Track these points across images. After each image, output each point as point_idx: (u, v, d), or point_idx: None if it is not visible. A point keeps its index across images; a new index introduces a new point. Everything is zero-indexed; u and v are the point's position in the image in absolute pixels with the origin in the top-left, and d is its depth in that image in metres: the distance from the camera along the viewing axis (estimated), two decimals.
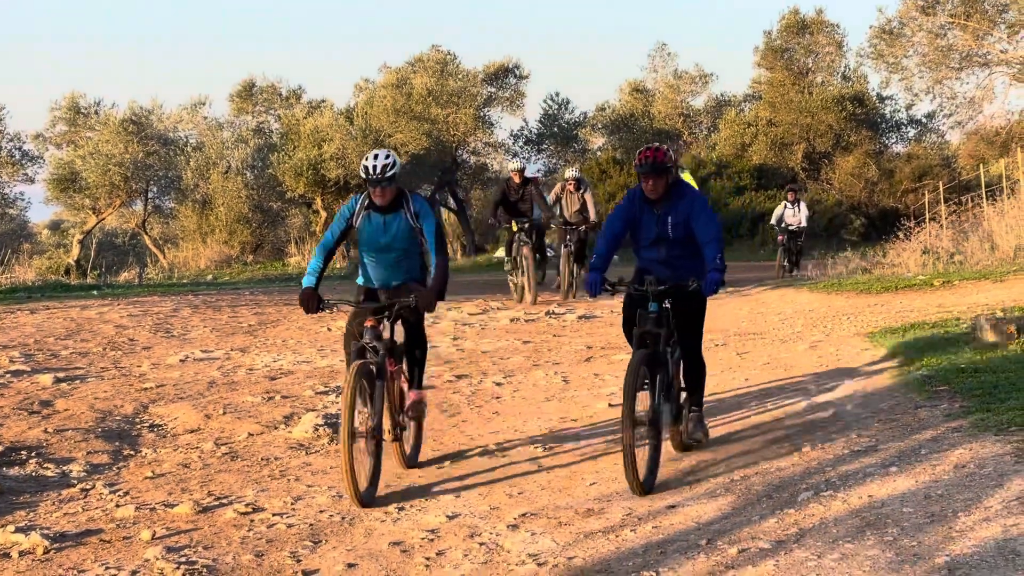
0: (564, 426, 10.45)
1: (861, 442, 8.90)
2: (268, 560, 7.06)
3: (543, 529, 7.46)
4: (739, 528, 7.08)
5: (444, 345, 15.20)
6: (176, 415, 11.10)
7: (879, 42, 37.51)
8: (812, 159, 45.01)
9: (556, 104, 48.28)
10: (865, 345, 13.33)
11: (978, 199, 31.41)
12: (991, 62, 35.69)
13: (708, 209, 8.94)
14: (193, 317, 18.38)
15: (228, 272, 34.96)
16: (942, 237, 26.86)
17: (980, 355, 11.48)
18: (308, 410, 11.15)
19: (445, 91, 41.40)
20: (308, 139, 39.92)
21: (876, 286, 19.19)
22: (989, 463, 7.80)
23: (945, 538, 6.53)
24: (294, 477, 8.99)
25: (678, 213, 8.87)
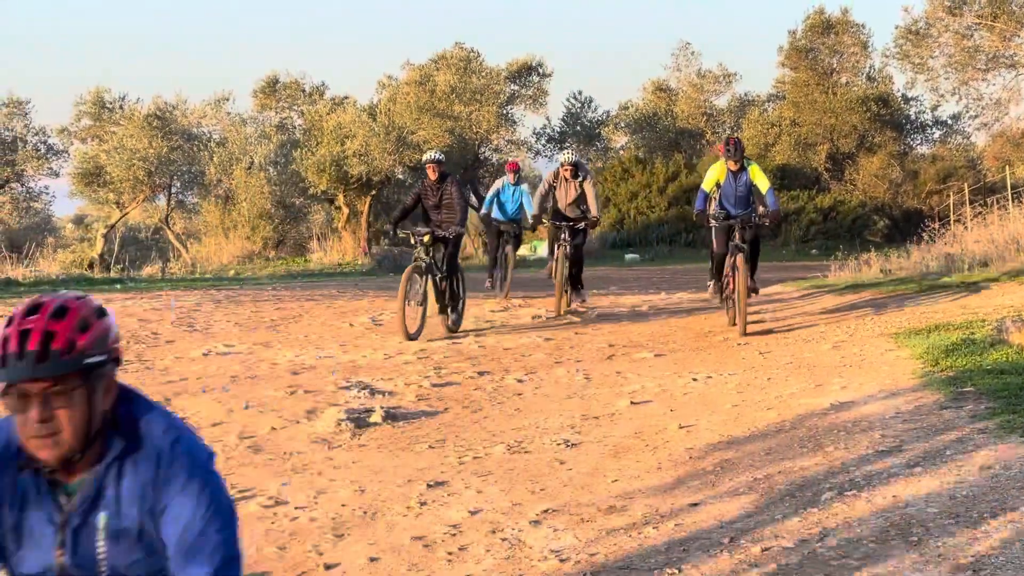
0: (586, 423, 10.43)
1: (885, 442, 8.86)
2: (291, 553, 7.06)
3: (565, 525, 7.45)
4: (762, 527, 7.06)
5: (466, 341, 15.20)
6: (199, 408, 11.12)
7: (905, 42, 37.41)
8: (836, 160, 44.90)
9: (579, 102, 48.31)
10: (889, 345, 13.28)
11: (1004, 201, 31.29)
12: (1018, 63, 35.55)
13: None
14: (216, 312, 18.42)
15: (250, 267, 35.03)
16: (967, 239, 26.76)
17: (1006, 356, 11.42)
18: (331, 405, 11.16)
19: (468, 88, 41.43)
20: (331, 135, 39.98)
21: (900, 287, 19.12)
22: (1015, 464, 7.76)
23: (970, 539, 6.50)
24: (316, 471, 9.00)
25: None
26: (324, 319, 17.71)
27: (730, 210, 15.53)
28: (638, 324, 16.78)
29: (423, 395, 11.85)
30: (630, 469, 8.80)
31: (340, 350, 14.65)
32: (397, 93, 42.23)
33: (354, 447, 9.74)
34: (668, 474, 8.59)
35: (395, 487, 8.51)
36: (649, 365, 13.29)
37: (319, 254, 38.10)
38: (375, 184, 40.61)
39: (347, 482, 8.65)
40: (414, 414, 10.98)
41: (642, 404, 11.15)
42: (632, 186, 43.81)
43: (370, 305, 19.34)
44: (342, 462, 9.27)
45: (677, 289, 23.00)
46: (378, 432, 10.27)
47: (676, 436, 9.74)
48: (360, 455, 9.48)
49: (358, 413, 10.71)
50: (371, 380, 12.55)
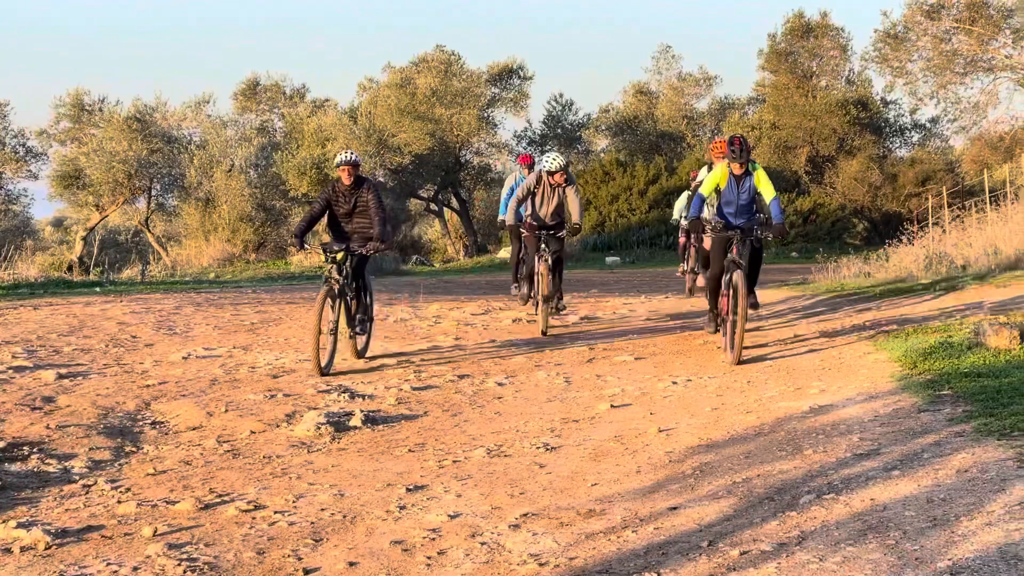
0: (566, 427, 10.44)
1: (863, 445, 8.89)
2: (269, 558, 7.05)
3: (545, 529, 7.45)
4: (741, 530, 7.07)
5: (447, 345, 15.19)
6: (178, 412, 11.10)
7: (884, 46, 37.54)
8: (816, 163, 45.01)
9: (560, 105, 48.33)
10: (868, 348, 13.32)
11: (982, 204, 31.41)
12: (996, 67, 35.70)
13: None
14: (196, 315, 18.38)
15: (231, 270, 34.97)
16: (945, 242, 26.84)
17: (983, 360, 11.47)
18: (310, 408, 11.15)
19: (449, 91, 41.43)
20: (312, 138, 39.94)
21: (879, 290, 19.17)
22: (992, 468, 7.79)
23: (947, 542, 6.52)
24: (296, 475, 8.99)
25: None
26: (304, 322, 17.68)
27: (730, 219, 13.78)
28: (618, 327, 16.80)
29: (403, 398, 11.85)
30: (610, 472, 8.81)
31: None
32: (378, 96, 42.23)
33: (333, 451, 9.74)
34: (647, 477, 8.60)
35: (374, 491, 8.51)
36: (629, 368, 13.31)
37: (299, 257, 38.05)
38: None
39: (326, 486, 8.65)
40: (394, 418, 10.98)
41: (622, 407, 11.17)
42: (613, 189, 43.84)
43: None
44: (321, 466, 9.26)
45: (657, 292, 23.04)
46: (357, 436, 10.26)
47: (656, 439, 9.76)
48: (339, 459, 9.47)
49: (338, 417, 10.71)
50: (351, 383, 12.54)
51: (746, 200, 13.74)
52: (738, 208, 13.77)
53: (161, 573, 6.77)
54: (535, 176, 16.36)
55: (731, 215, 13.81)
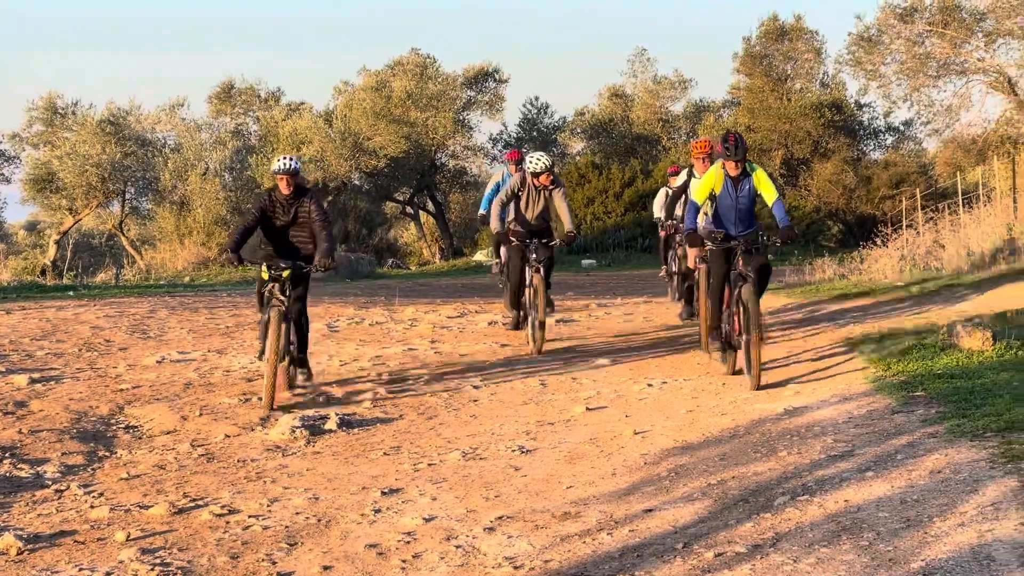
0: (541, 429, 10.44)
1: (838, 447, 8.91)
2: (244, 562, 7.03)
3: (520, 532, 7.45)
4: (716, 532, 7.08)
5: (422, 348, 15.18)
6: (152, 416, 11.07)
7: (857, 49, 37.64)
8: (790, 165, 45.15)
9: (535, 108, 48.37)
10: (843, 350, 13.36)
11: (955, 206, 31.54)
12: (968, 70, 35.84)
13: None
14: (170, 319, 18.32)
15: (206, 274, 34.88)
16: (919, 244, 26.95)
17: (956, 361, 11.52)
18: (285, 412, 11.12)
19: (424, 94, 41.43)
20: (287, 141, 39.87)
21: (853, 292, 19.24)
22: (964, 469, 7.82)
23: (920, 543, 6.55)
24: (270, 479, 8.97)
25: None
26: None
27: (729, 229, 12.16)
28: (594, 330, 16.81)
29: (378, 402, 11.83)
30: (585, 475, 8.82)
31: None
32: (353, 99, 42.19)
33: (308, 454, 9.72)
34: (623, 480, 8.61)
35: (349, 495, 8.50)
36: (605, 371, 13.32)
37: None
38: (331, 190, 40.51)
39: (301, 490, 8.63)
40: (369, 421, 10.97)
41: (597, 410, 11.18)
42: (589, 191, 43.87)
43: (325, 312, 19.27)
44: (296, 470, 9.25)
45: (633, 295, 23.06)
46: (333, 439, 10.25)
47: (631, 442, 9.76)
48: (314, 463, 9.46)
49: (312, 420, 10.69)
50: (326, 388, 12.51)
51: (746, 205, 12.11)
52: (738, 215, 12.12)
53: None
54: (519, 177, 15.18)
55: (730, 223, 12.16)
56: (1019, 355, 11.48)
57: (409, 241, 50.41)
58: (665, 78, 49.10)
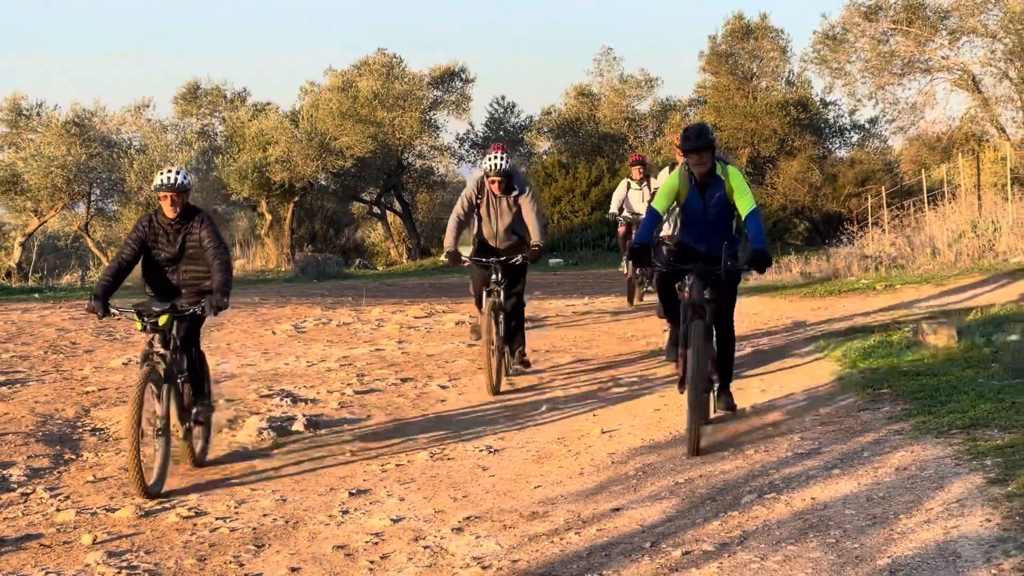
0: (509, 429, 10.44)
1: (804, 445, 8.95)
2: (211, 564, 7.01)
3: (488, 532, 7.45)
4: (683, 531, 7.10)
5: (389, 348, 15.16)
6: (118, 419, 11.01)
7: (822, 47, 37.79)
8: (757, 164, 45.27)
9: (502, 108, 48.36)
10: (809, 348, 13.41)
11: (920, 204, 31.71)
12: (933, 68, 36.03)
13: None
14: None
15: None
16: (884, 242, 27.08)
17: (921, 358, 11.58)
18: (252, 413, 11.09)
19: (391, 94, 41.35)
20: (253, 142, 39.75)
21: (819, 290, 19.31)
22: (930, 465, 7.87)
23: (886, 540, 6.58)
24: (237, 481, 8.94)
25: None
26: (246, 327, 17.58)
27: (692, 244, 9.79)
28: (561, 329, 16.82)
29: (346, 402, 11.81)
30: (552, 475, 8.83)
31: (262, 358, 14.56)
32: (319, 99, 42.07)
33: (276, 456, 9.69)
34: (590, 479, 8.62)
35: (317, 496, 8.48)
36: (572, 370, 13.32)
37: (242, 261, 37.91)
38: (298, 190, 40.42)
39: (268, 491, 8.61)
40: (336, 422, 10.95)
41: (564, 408, 11.18)
42: (556, 191, 43.89)
43: (293, 312, 19.23)
44: (263, 471, 9.22)
45: (600, 294, 23.06)
46: (300, 440, 10.22)
47: (598, 441, 9.78)
48: (282, 464, 9.43)
49: (280, 421, 10.66)
50: (293, 388, 12.49)
51: (716, 215, 9.58)
52: (705, 227, 9.65)
53: None
54: (475, 183, 12.51)
55: (693, 239, 9.80)
56: (984, 352, 11.55)
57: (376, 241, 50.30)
58: (631, 77, 49.14)
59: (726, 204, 9.51)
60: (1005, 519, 6.55)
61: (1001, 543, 6.23)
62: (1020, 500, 6.80)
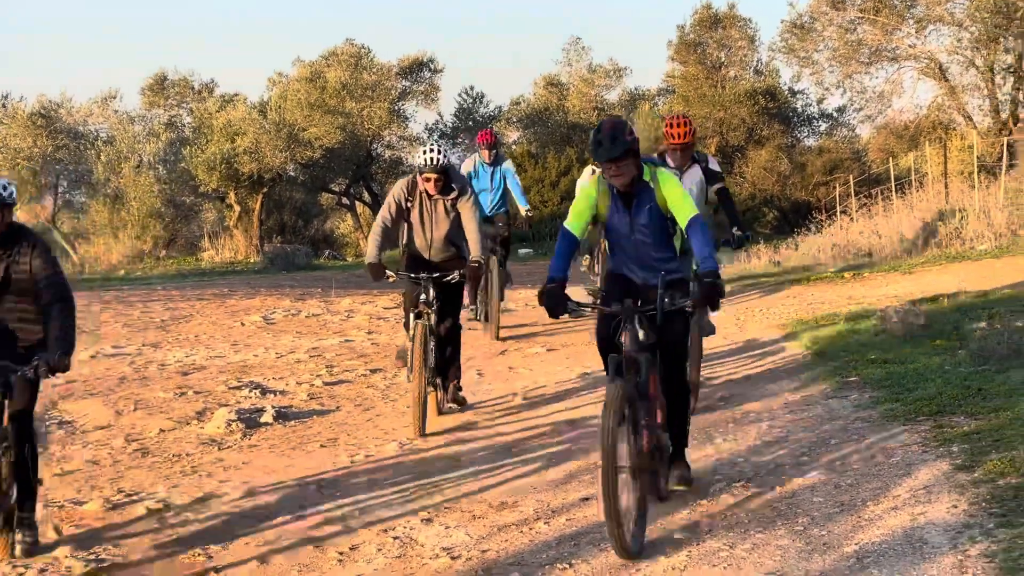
0: (478, 419, 10.43)
1: (773, 433, 8.99)
2: (179, 557, 6.99)
3: (457, 523, 7.45)
4: (652, 519, 7.11)
5: (359, 339, 15.14)
6: (86, 412, 10.96)
7: (790, 36, 37.86)
8: (725, 153, 45.33)
9: (471, 98, 48.27)
10: (777, 336, 13.45)
11: (888, 192, 31.83)
12: (900, 57, 36.14)
13: None
14: (104, 313, 18.16)
15: (141, 267, 34.59)
16: (853, 230, 27.18)
17: (889, 346, 11.63)
18: (221, 405, 11.05)
19: (359, 85, 41.20)
20: (221, 133, 39.54)
21: (788, 278, 19.37)
22: (897, 452, 7.91)
23: (854, 527, 6.61)
24: (206, 473, 8.91)
25: None
26: (215, 318, 17.53)
27: (627, 274, 7.53)
28: (531, 319, 16.81)
29: (315, 394, 11.78)
30: (522, 466, 8.82)
31: (231, 349, 14.51)
32: (288, 90, 41.88)
33: (244, 448, 9.66)
34: (560, 469, 8.62)
35: (286, 488, 8.46)
36: (541, 360, 13.33)
37: (211, 252, 37.72)
38: (267, 182, 40.25)
39: (238, 483, 8.58)
40: (306, 413, 10.92)
41: (534, 398, 11.18)
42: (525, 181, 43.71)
43: (262, 303, 19.18)
44: (232, 463, 9.19)
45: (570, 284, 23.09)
46: (269, 432, 10.19)
47: (568, 430, 9.78)
48: (251, 456, 9.40)
49: (249, 413, 10.62)
50: (262, 379, 12.45)
51: (649, 234, 7.33)
52: (636, 250, 7.42)
53: (67, 574, 6.69)
54: (405, 182, 10.39)
55: (626, 265, 7.55)
56: (951, 339, 11.61)
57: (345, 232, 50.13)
58: (600, 67, 49.14)
59: (661, 217, 7.21)
60: (971, 505, 6.60)
61: (967, 529, 6.27)
62: (986, 486, 6.85)
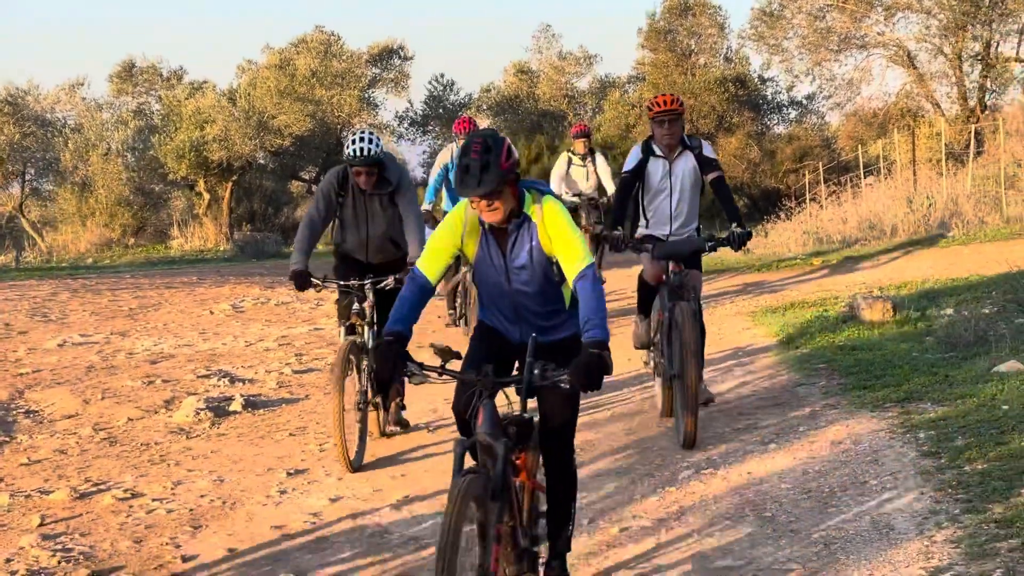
0: (448, 407, 10.40)
1: (741, 420, 9.01)
2: (147, 546, 6.96)
3: (426, 511, 7.45)
4: (621, 507, 7.13)
5: (328, 327, 15.11)
6: (53, 400, 10.91)
7: (760, 24, 37.96)
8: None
9: (441, 85, 48.24)
10: (746, 324, 13.48)
11: (857, 179, 31.93)
12: (868, 44, 36.27)
13: None
14: (72, 301, 18.08)
15: (109, 255, 34.45)
16: (822, 217, 27.26)
17: (857, 333, 11.67)
18: (189, 394, 11.02)
19: (329, 72, 41.09)
20: (190, 121, 39.39)
21: (758, 265, 19.41)
22: (865, 439, 7.94)
23: (821, 514, 6.64)
24: (174, 462, 8.88)
25: None
26: (184, 306, 17.47)
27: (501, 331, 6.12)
28: None
29: (284, 382, 11.76)
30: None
31: (200, 338, 14.47)
32: (257, 77, 41.74)
33: (213, 436, 9.64)
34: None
35: (255, 476, 8.44)
36: None
37: (180, 240, 37.61)
38: (236, 169, 40.13)
39: (206, 472, 8.56)
40: (274, 402, 10.89)
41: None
42: None
43: (231, 292, 19.13)
44: (201, 452, 9.16)
45: None
46: (238, 420, 10.17)
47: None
48: (219, 444, 9.38)
49: (217, 402, 10.59)
50: (231, 368, 12.42)
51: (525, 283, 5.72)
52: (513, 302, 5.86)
53: (35, 564, 6.65)
54: (335, 175, 9.07)
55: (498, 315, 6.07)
56: (918, 326, 11.67)
57: None
58: (570, 54, 49.16)
59: (544, 260, 5.61)
60: (937, 491, 6.64)
61: (933, 515, 6.30)
62: (952, 473, 6.88)
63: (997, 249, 16.85)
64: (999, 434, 7.39)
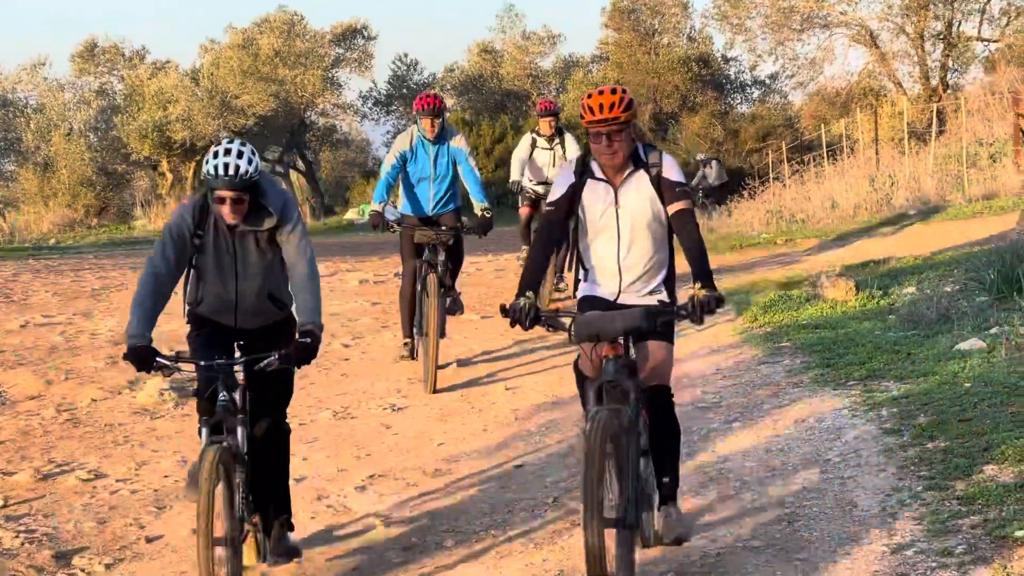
0: (412, 387, 10.42)
1: (706, 399, 9.04)
2: (111, 527, 6.95)
3: (391, 490, 7.46)
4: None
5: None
6: (16, 382, 10.84)
7: (723, 3, 38.02)
8: (659, 120, 45.47)
9: (405, 65, 48.10)
10: None
11: (820, 159, 32.04)
12: (831, 24, 36.37)
13: None
14: (34, 282, 17.96)
15: (72, 236, 34.25)
16: (785, 196, 27.34)
17: (820, 311, 11.72)
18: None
19: (292, 52, 40.97)
20: (153, 100, 39.22)
21: (721, 245, 19.47)
22: (828, 417, 7.99)
23: (785, 491, 6.68)
24: (139, 443, 8.86)
25: None
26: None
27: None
28: (465, 287, 16.79)
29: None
30: (456, 432, 8.84)
31: (163, 319, 14.36)
32: (220, 57, 41.57)
33: (177, 417, 9.60)
34: (494, 436, 8.65)
35: None
36: (475, 327, 13.32)
37: (143, 221, 37.42)
38: (199, 149, 39.95)
39: (170, 453, 8.54)
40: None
41: (468, 366, 11.19)
42: None
43: None
44: (165, 433, 9.14)
45: (503, 251, 23.09)
46: None
47: (502, 397, 9.80)
48: (183, 425, 9.34)
49: (182, 383, 10.55)
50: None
51: None
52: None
53: None
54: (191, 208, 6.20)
55: None
56: (881, 304, 11.72)
57: None
58: (534, 33, 49.11)
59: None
60: (899, 469, 6.68)
61: (896, 492, 6.35)
62: (914, 450, 6.93)
63: (959, 227, 16.94)
64: (961, 411, 7.44)
